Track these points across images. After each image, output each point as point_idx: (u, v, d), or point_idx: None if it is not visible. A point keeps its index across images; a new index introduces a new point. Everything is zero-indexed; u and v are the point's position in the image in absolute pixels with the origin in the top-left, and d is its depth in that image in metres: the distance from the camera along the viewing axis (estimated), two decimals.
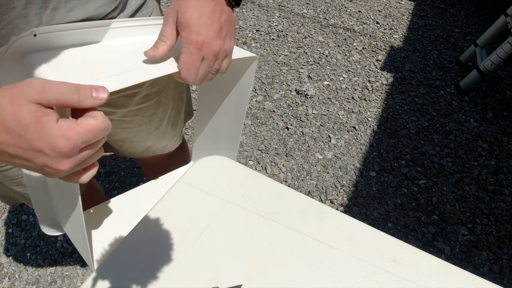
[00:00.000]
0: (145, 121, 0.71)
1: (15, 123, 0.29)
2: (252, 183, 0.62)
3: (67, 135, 0.30)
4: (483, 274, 1.26)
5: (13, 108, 0.29)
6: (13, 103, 0.29)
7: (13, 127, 0.29)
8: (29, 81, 0.30)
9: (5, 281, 1.21)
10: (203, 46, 0.42)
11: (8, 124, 0.29)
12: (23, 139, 0.29)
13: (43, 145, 0.29)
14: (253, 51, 2.19)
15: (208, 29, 0.43)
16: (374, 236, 0.55)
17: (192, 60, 0.43)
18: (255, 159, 1.62)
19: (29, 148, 0.29)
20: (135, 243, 0.56)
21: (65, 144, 0.30)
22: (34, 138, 0.29)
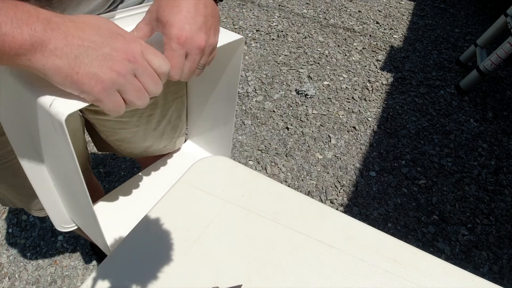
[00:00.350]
0: (142, 122, 0.71)
1: (95, 19, 0.36)
2: (252, 183, 0.62)
3: (138, 39, 0.38)
4: (483, 274, 1.26)
5: (91, 15, 0.37)
6: (88, 15, 0.37)
7: (94, 21, 0.36)
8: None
9: (5, 281, 1.21)
10: (185, 41, 0.41)
11: (90, 20, 0.36)
12: (102, 27, 0.35)
13: (120, 32, 0.36)
14: (253, 51, 2.19)
15: (189, 23, 0.41)
16: (374, 236, 0.55)
17: (174, 56, 0.41)
18: (255, 159, 1.62)
19: (106, 33, 0.35)
20: (135, 243, 0.56)
21: (137, 39, 0.37)
22: (113, 28, 0.36)
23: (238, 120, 1.78)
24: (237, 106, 1.85)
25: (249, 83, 1.98)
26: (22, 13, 0.31)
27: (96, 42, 0.34)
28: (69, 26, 0.34)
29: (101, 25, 0.36)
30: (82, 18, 0.35)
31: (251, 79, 2.00)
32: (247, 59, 2.13)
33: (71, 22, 0.34)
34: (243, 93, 1.92)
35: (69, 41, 0.33)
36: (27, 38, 0.31)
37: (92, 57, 0.34)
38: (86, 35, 0.34)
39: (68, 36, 0.33)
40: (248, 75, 2.03)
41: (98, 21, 0.36)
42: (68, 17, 0.34)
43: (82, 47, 0.34)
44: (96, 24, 0.35)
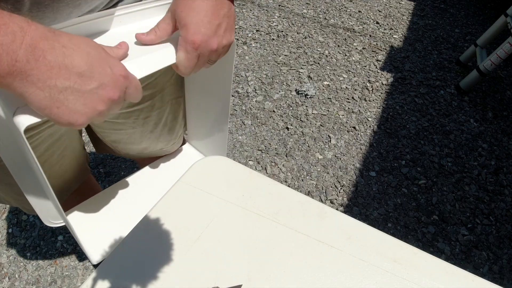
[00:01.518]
0: (139, 123, 0.71)
1: (86, 44, 0.34)
2: (252, 183, 0.62)
3: (124, 67, 0.37)
4: (483, 274, 1.26)
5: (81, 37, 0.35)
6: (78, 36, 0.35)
7: (84, 46, 0.34)
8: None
9: (5, 281, 1.21)
10: (200, 46, 0.43)
11: (80, 43, 0.34)
12: (91, 55, 0.34)
13: (109, 62, 0.35)
14: (253, 51, 2.19)
15: (205, 27, 0.43)
16: (374, 236, 0.55)
17: (188, 58, 0.43)
18: (255, 159, 1.62)
19: (96, 63, 0.34)
20: (135, 243, 0.56)
21: (124, 71, 0.36)
22: (102, 56, 0.35)
23: (238, 120, 1.78)
24: (237, 106, 1.85)
25: (249, 83, 1.98)
26: (4, 37, 0.28)
27: (83, 75, 0.32)
28: (57, 54, 0.31)
29: (90, 51, 0.34)
30: (73, 39, 0.33)
31: (251, 79, 2.00)
32: (247, 59, 2.13)
33: (60, 47, 0.31)
34: (243, 93, 1.92)
35: (54, 74, 0.31)
36: (5, 68, 0.29)
37: (77, 94, 0.33)
38: (74, 63, 0.32)
39: (54, 68, 0.31)
40: (248, 75, 2.03)
41: (88, 47, 0.34)
42: (59, 40, 0.32)
43: (68, 83, 0.32)
44: (86, 50, 0.33)
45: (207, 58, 0.46)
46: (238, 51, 2.19)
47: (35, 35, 0.30)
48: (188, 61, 0.44)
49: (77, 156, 0.76)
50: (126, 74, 0.37)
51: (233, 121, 1.78)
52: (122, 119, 0.68)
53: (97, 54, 0.34)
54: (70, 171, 0.75)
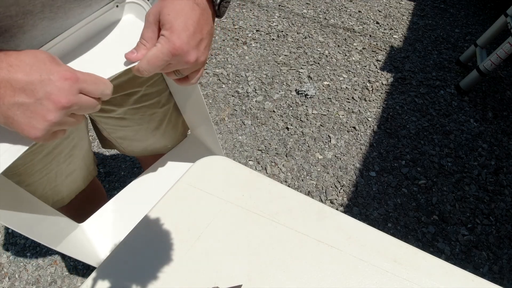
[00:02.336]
0: (145, 120, 0.71)
1: (32, 57, 0.35)
2: (252, 183, 0.62)
3: (71, 70, 0.36)
4: (483, 274, 1.26)
5: (32, 51, 0.35)
6: (31, 51, 0.36)
7: (30, 60, 0.34)
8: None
9: (5, 281, 1.21)
10: (177, 52, 0.40)
11: (27, 59, 0.34)
12: (34, 69, 0.34)
13: (52, 74, 0.34)
14: (253, 51, 2.19)
15: (189, 37, 0.40)
16: (374, 236, 0.55)
17: (158, 59, 0.40)
18: (255, 159, 1.62)
19: (37, 77, 0.34)
20: (135, 243, 0.56)
21: (70, 74, 0.35)
22: (46, 67, 0.35)
23: (238, 120, 1.78)
24: (237, 106, 1.85)
25: (249, 83, 1.98)
26: None
27: (26, 89, 0.34)
28: (3, 74, 0.33)
29: (34, 64, 0.35)
30: (20, 56, 0.35)
31: (251, 79, 2.00)
32: (247, 59, 2.13)
33: (7, 68, 0.34)
34: (243, 93, 1.92)
35: (1, 94, 0.33)
36: None
37: (23, 108, 0.34)
38: (18, 79, 0.33)
39: (1, 95, 0.33)
40: (248, 75, 2.03)
41: (33, 60, 0.35)
42: (7, 60, 0.34)
43: (13, 99, 0.34)
44: (30, 64, 0.34)
45: (175, 68, 0.43)
46: (238, 51, 2.19)
47: None
48: (157, 61, 0.40)
49: (85, 156, 0.76)
50: (72, 76, 0.35)
51: (233, 121, 1.78)
52: (128, 116, 0.69)
53: (40, 65, 0.35)
54: (78, 170, 0.75)
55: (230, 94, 1.91)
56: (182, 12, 0.40)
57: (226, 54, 2.17)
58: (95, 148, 1.63)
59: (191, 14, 0.41)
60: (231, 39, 2.28)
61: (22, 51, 0.35)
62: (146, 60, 0.39)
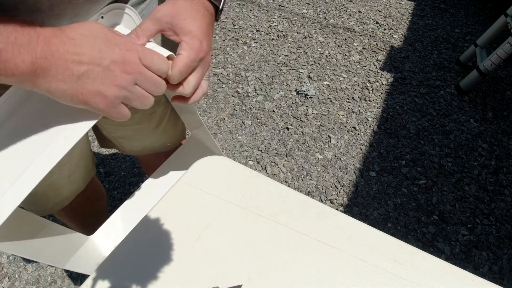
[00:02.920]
0: (145, 119, 0.71)
1: (91, 28, 0.36)
2: (252, 183, 0.62)
3: (131, 41, 0.38)
4: (483, 274, 1.26)
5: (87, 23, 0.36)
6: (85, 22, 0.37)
7: (90, 31, 0.35)
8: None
9: (5, 281, 1.21)
10: (203, 57, 0.42)
11: (85, 30, 0.35)
12: (98, 39, 0.35)
13: (115, 43, 0.36)
14: (253, 51, 2.19)
15: (207, 42, 0.42)
16: (374, 236, 0.55)
17: (189, 66, 0.41)
18: (255, 159, 1.62)
19: (102, 45, 0.35)
20: (135, 243, 0.56)
21: (132, 46, 0.37)
22: (108, 37, 0.36)
23: (238, 120, 1.78)
24: (237, 106, 1.85)
25: (249, 83, 1.98)
26: (22, 38, 0.32)
27: (94, 58, 0.35)
28: (68, 47, 0.34)
29: (97, 35, 0.36)
30: (78, 30, 0.35)
31: (251, 79, 2.00)
32: (247, 59, 2.13)
33: (69, 40, 0.34)
34: (243, 93, 1.92)
35: (69, 64, 0.34)
36: (29, 66, 0.32)
37: (93, 76, 0.35)
38: (84, 51, 0.35)
39: (68, 59, 0.34)
40: (248, 75, 2.03)
41: (93, 31, 0.36)
42: (66, 34, 0.35)
43: (82, 68, 0.35)
44: (92, 35, 0.36)
45: (203, 73, 0.44)
46: (238, 51, 2.19)
47: (47, 34, 0.33)
48: (187, 68, 0.41)
49: (84, 156, 0.76)
50: (135, 48, 0.37)
51: (233, 121, 1.78)
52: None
53: (103, 37, 0.36)
54: (77, 171, 0.75)
55: (230, 94, 1.91)
56: (197, 18, 0.42)
57: (226, 54, 2.17)
58: (95, 148, 1.63)
59: (204, 20, 0.43)
60: (231, 39, 2.28)
61: (76, 25, 0.36)
62: (178, 71, 0.40)
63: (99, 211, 1.08)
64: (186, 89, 0.43)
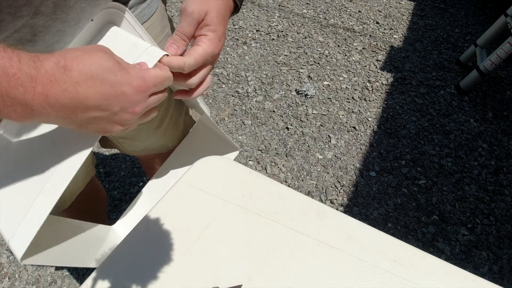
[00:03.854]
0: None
1: (98, 67, 0.32)
2: (252, 183, 0.62)
3: (142, 76, 0.35)
4: (483, 274, 1.26)
5: (94, 56, 0.33)
6: (91, 53, 0.33)
7: (96, 71, 0.32)
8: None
9: (5, 281, 1.21)
10: (217, 54, 0.43)
11: (92, 70, 0.32)
12: (105, 83, 0.33)
13: (124, 86, 0.34)
14: (253, 51, 2.19)
15: (224, 40, 0.44)
16: (374, 236, 0.55)
17: (203, 58, 0.42)
18: (255, 159, 1.62)
19: (111, 92, 0.33)
20: (135, 243, 0.56)
21: (142, 83, 0.35)
22: (116, 79, 0.33)
23: (238, 120, 1.78)
24: (237, 106, 1.85)
25: (249, 83, 1.98)
26: (15, 90, 0.28)
27: (101, 105, 0.33)
28: (71, 95, 0.31)
29: (103, 77, 0.32)
30: (84, 69, 0.31)
31: (251, 79, 2.00)
32: (247, 59, 2.13)
33: (73, 86, 0.31)
34: (243, 93, 1.92)
35: (72, 112, 0.32)
36: (26, 115, 0.30)
37: (97, 120, 0.35)
38: (89, 98, 0.32)
39: (70, 108, 0.32)
40: (248, 75, 2.03)
41: (101, 72, 0.32)
42: (70, 77, 0.31)
43: (87, 115, 0.33)
44: (99, 79, 0.32)
45: (209, 70, 0.45)
46: (238, 51, 2.19)
47: (45, 80, 0.29)
48: (202, 59, 0.41)
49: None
50: (145, 86, 0.35)
51: (233, 121, 1.78)
52: None
53: (109, 77, 0.33)
54: (78, 172, 0.75)
55: (230, 94, 1.91)
56: (224, 17, 0.43)
57: (226, 54, 2.17)
58: (95, 148, 1.63)
59: (226, 20, 0.44)
60: (231, 39, 2.28)
61: (79, 58, 0.32)
62: (193, 58, 0.40)
63: (99, 211, 1.08)
64: (194, 80, 0.43)
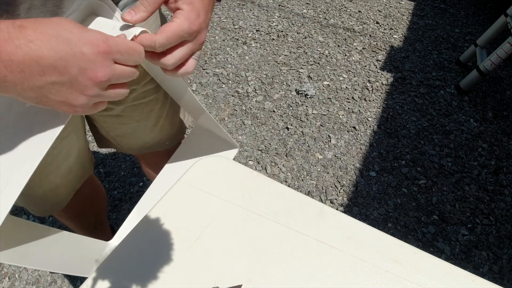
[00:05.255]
0: (143, 117, 0.71)
1: (55, 26, 0.31)
2: (252, 183, 0.62)
3: (105, 38, 0.33)
4: (483, 274, 1.26)
5: (53, 19, 0.31)
6: (52, 19, 0.32)
7: (53, 30, 0.30)
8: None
9: (5, 281, 1.21)
10: (196, 31, 0.39)
11: (48, 29, 0.30)
12: (61, 41, 0.30)
13: (83, 45, 0.31)
14: (253, 51, 2.19)
15: (205, 17, 0.40)
16: (374, 236, 0.55)
17: (178, 36, 0.38)
18: (255, 159, 1.62)
19: (67, 50, 0.31)
20: (135, 243, 0.56)
21: (103, 44, 0.32)
22: (74, 37, 0.31)
23: (238, 120, 1.78)
24: (237, 106, 1.85)
25: (249, 83, 1.98)
26: None
27: (57, 66, 0.30)
28: (24, 52, 0.29)
29: (61, 35, 0.31)
30: (39, 28, 0.30)
31: (251, 79, 2.00)
32: (247, 59, 2.13)
33: (27, 44, 0.29)
34: (243, 93, 1.92)
35: (28, 75, 0.30)
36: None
37: (58, 86, 0.32)
38: (44, 56, 0.30)
39: (25, 69, 0.30)
40: (248, 75, 2.03)
41: (59, 30, 0.31)
42: (24, 35, 0.29)
43: (44, 78, 0.31)
44: (55, 36, 0.30)
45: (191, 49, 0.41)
46: (238, 51, 2.19)
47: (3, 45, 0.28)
48: (175, 37, 0.38)
49: (82, 155, 0.76)
50: (105, 47, 0.32)
51: (233, 121, 1.78)
52: (127, 113, 0.69)
53: (66, 34, 0.31)
54: (75, 170, 0.75)
55: (230, 94, 1.91)
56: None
57: (226, 54, 2.17)
58: (95, 148, 1.63)
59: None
60: (231, 39, 2.28)
61: (37, 20, 0.31)
62: (165, 37, 0.37)
63: (99, 211, 1.08)
64: (169, 60, 0.39)
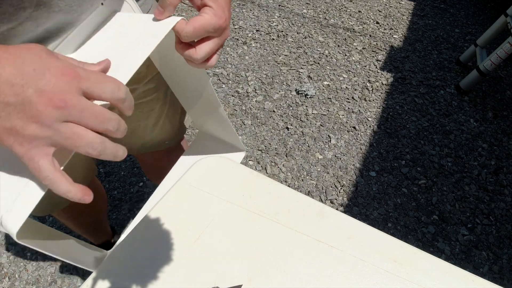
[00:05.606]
0: (143, 117, 0.71)
1: (25, 50, 0.28)
2: (252, 183, 0.62)
3: (72, 65, 0.29)
4: (483, 274, 1.26)
5: (27, 45, 0.29)
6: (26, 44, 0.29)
7: (21, 53, 0.28)
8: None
9: (5, 281, 1.21)
10: (221, 27, 0.40)
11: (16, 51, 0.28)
12: (27, 62, 0.27)
13: (48, 68, 0.28)
14: (253, 51, 2.19)
15: (229, 14, 0.41)
16: (374, 236, 0.55)
17: (204, 29, 0.38)
18: (255, 159, 1.62)
19: (30, 70, 0.27)
20: (135, 243, 0.56)
21: (70, 69, 0.28)
22: (42, 61, 0.28)
23: (238, 120, 1.78)
24: (237, 106, 1.85)
25: (249, 83, 1.98)
26: None
27: (14, 84, 0.27)
28: None
29: (27, 56, 0.28)
30: (11, 49, 0.28)
31: (251, 79, 2.00)
32: (247, 59, 2.13)
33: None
34: (243, 93, 1.92)
35: None
36: None
37: (9, 109, 0.27)
38: (5, 73, 0.27)
39: None
40: (248, 75, 2.03)
41: (28, 53, 0.28)
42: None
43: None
44: (22, 57, 0.28)
45: (218, 44, 0.41)
46: (238, 51, 2.19)
47: None
48: (202, 30, 0.38)
49: (81, 157, 0.76)
50: (71, 72, 0.28)
51: (233, 121, 1.78)
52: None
53: (34, 58, 0.28)
54: (79, 169, 0.75)
55: (230, 94, 1.91)
56: None
57: (226, 54, 2.17)
58: None
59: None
60: (231, 39, 2.28)
61: (11, 45, 0.29)
62: (192, 27, 0.37)
63: (99, 211, 1.08)
64: (198, 53, 0.39)
